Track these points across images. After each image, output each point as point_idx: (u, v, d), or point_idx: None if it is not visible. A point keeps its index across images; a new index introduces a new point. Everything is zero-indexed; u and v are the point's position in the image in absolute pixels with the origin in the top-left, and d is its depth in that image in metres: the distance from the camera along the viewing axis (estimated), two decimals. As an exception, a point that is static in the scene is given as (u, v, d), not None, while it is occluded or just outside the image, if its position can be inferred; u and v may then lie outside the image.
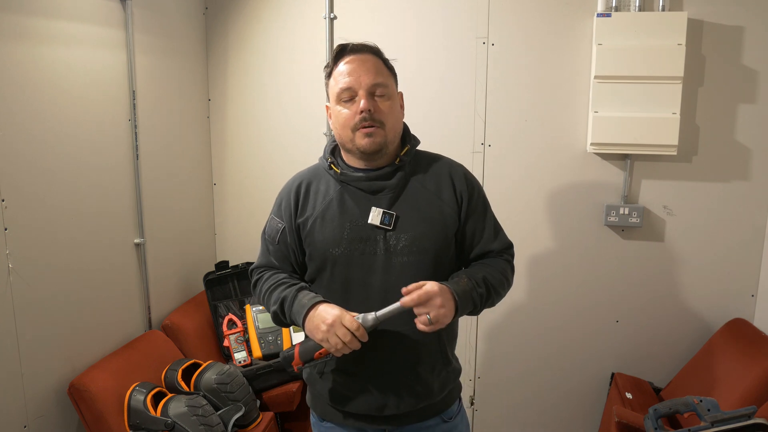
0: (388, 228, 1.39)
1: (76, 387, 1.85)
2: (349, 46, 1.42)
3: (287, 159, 2.70)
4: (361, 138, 1.37)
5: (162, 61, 2.38)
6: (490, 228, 1.49)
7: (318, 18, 2.55)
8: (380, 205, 1.40)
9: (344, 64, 1.40)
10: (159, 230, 2.38)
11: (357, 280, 1.40)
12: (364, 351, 1.34)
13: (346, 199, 1.43)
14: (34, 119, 1.77)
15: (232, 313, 2.51)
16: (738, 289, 2.37)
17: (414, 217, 1.41)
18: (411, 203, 1.42)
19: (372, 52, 1.43)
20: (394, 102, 1.41)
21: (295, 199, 1.48)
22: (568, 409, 2.60)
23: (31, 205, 1.76)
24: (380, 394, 1.42)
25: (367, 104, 1.36)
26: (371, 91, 1.38)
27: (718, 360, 2.21)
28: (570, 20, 2.36)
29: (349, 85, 1.38)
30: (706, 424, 1.76)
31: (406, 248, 1.39)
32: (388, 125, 1.38)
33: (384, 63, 1.44)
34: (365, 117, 1.36)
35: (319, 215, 1.43)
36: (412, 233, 1.39)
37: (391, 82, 1.43)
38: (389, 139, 1.40)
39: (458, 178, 1.46)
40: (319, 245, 1.42)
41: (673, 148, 2.25)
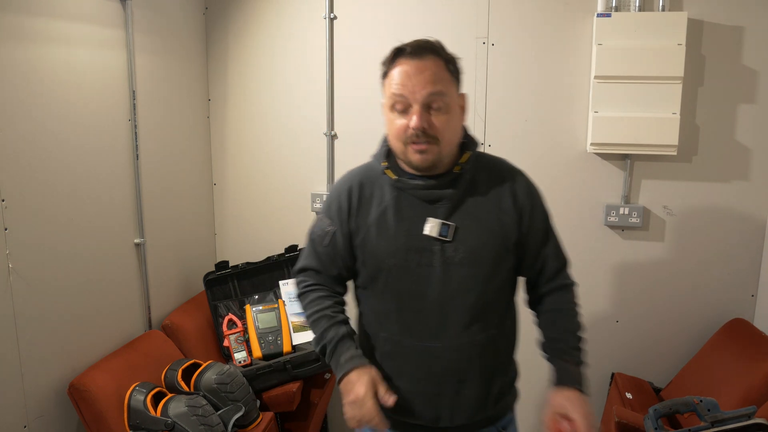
0: (446, 239, 1.32)
1: (76, 387, 1.85)
2: (407, 50, 1.29)
3: (287, 159, 2.70)
4: (413, 153, 1.29)
5: (162, 61, 2.38)
6: (551, 244, 1.42)
7: (318, 18, 2.56)
8: (438, 215, 1.33)
9: (400, 69, 1.28)
10: (159, 230, 2.38)
11: (411, 292, 1.35)
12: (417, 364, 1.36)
13: (402, 206, 1.35)
14: (34, 119, 1.77)
15: (232, 313, 2.51)
16: (738, 289, 2.37)
17: (473, 227, 1.33)
18: (470, 213, 1.35)
19: (433, 52, 1.29)
20: (452, 114, 1.29)
21: (347, 203, 1.40)
22: (568, 409, 2.60)
23: (31, 205, 1.76)
24: (434, 407, 1.39)
25: (419, 122, 1.25)
26: (426, 103, 1.26)
27: (718, 360, 2.21)
28: (570, 20, 2.36)
29: (402, 94, 1.26)
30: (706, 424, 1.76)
31: (465, 259, 1.32)
32: (443, 141, 1.28)
33: (446, 64, 1.30)
34: (418, 134, 1.26)
35: (373, 223, 1.36)
36: (470, 244, 1.33)
37: (451, 90, 1.29)
38: (444, 153, 1.30)
39: (520, 188, 1.38)
40: (374, 254, 1.36)
41: (673, 148, 2.25)
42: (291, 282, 2.59)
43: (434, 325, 1.35)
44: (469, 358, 1.36)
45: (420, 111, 1.26)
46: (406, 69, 1.27)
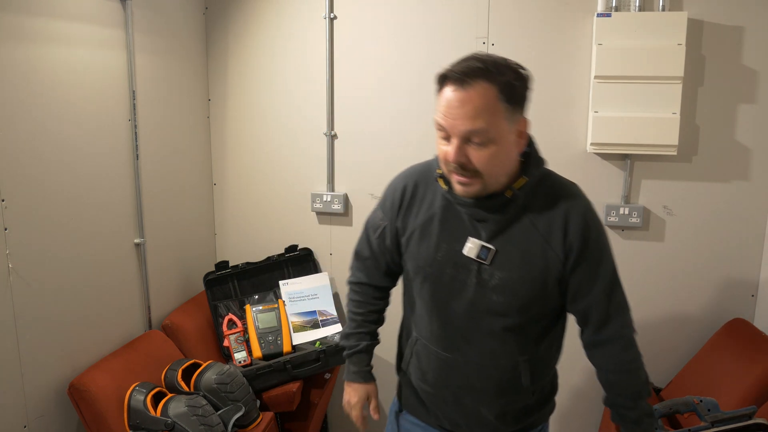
0: (484, 262, 1.28)
1: (76, 387, 1.85)
2: (451, 75, 1.17)
3: (287, 159, 2.70)
4: (455, 184, 1.25)
5: (162, 61, 2.38)
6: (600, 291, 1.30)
7: (318, 18, 2.56)
8: (480, 236, 1.28)
9: (444, 97, 1.19)
10: (159, 230, 2.38)
11: (442, 303, 1.34)
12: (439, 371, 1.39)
13: (448, 218, 1.32)
14: (34, 119, 1.77)
15: (232, 313, 2.51)
16: (738, 289, 2.37)
17: (513, 255, 1.27)
18: (514, 241, 1.27)
19: (485, 77, 1.16)
20: (498, 147, 1.19)
21: (399, 201, 1.40)
22: (568, 409, 2.60)
23: (31, 205, 1.76)
24: (453, 415, 1.43)
25: (455, 156, 1.19)
26: (466, 138, 1.18)
27: (718, 360, 2.21)
28: (570, 20, 2.36)
29: (443, 124, 1.19)
30: (706, 424, 1.76)
31: (498, 287, 1.28)
32: (486, 174, 1.20)
33: (500, 90, 1.16)
34: (456, 167, 1.21)
35: (418, 227, 1.36)
36: (507, 273, 1.27)
37: (497, 122, 1.17)
38: (489, 183, 1.23)
39: (574, 223, 1.26)
40: (414, 258, 1.37)
41: (673, 148, 2.25)
42: (292, 282, 2.60)
43: (459, 340, 1.35)
44: (489, 377, 1.36)
45: (458, 145, 1.18)
46: (449, 98, 1.18)
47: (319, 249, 2.72)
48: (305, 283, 2.60)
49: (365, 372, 1.56)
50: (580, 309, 1.34)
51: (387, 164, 2.58)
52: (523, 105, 1.24)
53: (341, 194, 2.65)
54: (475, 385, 1.37)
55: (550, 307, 1.35)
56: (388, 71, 2.53)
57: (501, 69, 1.18)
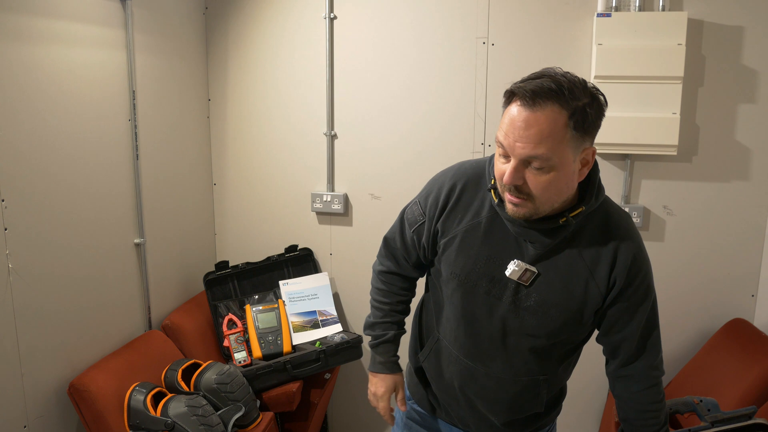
0: (524, 284, 1.25)
1: (76, 387, 1.85)
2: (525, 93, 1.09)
3: (287, 159, 2.70)
4: (508, 203, 1.19)
5: (162, 61, 2.38)
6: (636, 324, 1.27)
7: (318, 18, 2.56)
8: (525, 257, 1.24)
9: (510, 114, 1.12)
10: (159, 230, 2.38)
11: (473, 314, 1.32)
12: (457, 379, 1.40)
13: (494, 231, 1.27)
14: (34, 119, 1.77)
15: (232, 313, 2.51)
16: (738, 289, 2.37)
17: (555, 282, 1.24)
18: (558, 267, 1.24)
19: (556, 99, 1.08)
20: (558, 174, 1.12)
21: (444, 202, 1.33)
22: (568, 409, 2.60)
23: (31, 205, 1.76)
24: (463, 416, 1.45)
25: (510, 179, 1.13)
26: (525, 161, 1.12)
27: (718, 360, 2.21)
28: (570, 20, 2.36)
29: (503, 142, 1.13)
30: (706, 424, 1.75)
31: (533, 309, 1.26)
32: (539, 199, 1.15)
33: (570, 116, 1.09)
34: (510, 189, 1.16)
35: (460, 233, 1.30)
36: (545, 297, 1.24)
37: (562, 151, 1.10)
38: (541, 209, 1.17)
39: (622, 259, 1.22)
40: (450, 264, 1.32)
41: (673, 148, 2.25)
42: (292, 282, 2.60)
43: (483, 352, 1.35)
44: (506, 391, 1.37)
45: (515, 166, 1.12)
46: (513, 117, 1.11)
47: (319, 249, 2.72)
48: (305, 283, 2.60)
49: (392, 363, 1.52)
50: (611, 342, 1.32)
51: (387, 164, 2.58)
52: (594, 133, 1.17)
53: (341, 194, 2.64)
54: (490, 396, 1.38)
55: (580, 335, 1.34)
56: (388, 71, 2.53)
57: (575, 92, 1.10)
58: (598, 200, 1.23)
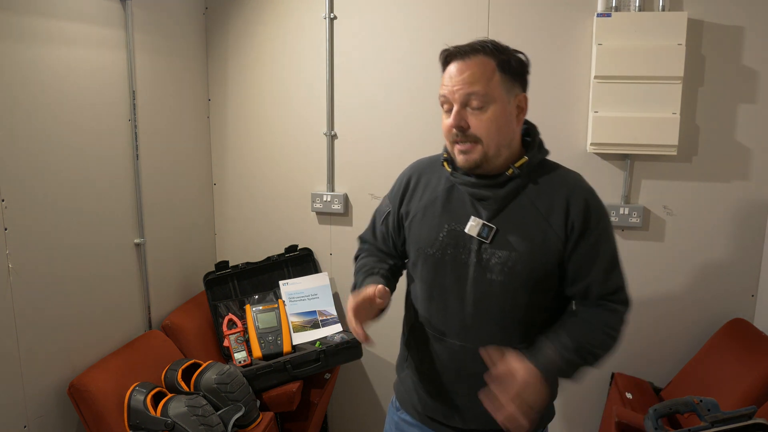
0: (485, 241, 1.30)
1: (76, 387, 1.85)
2: (452, 50, 1.28)
3: (287, 159, 2.70)
4: (458, 154, 1.30)
5: (162, 61, 2.38)
6: (601, 266, 1.30)
7: (318, 18, 2.56)
8: (482, 215, 1.32)
9: (449, 70, 1.29)
10: (159, 230, 2.38)
11: (443, 286, 1.35)
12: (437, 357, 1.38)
13: (451, 199, 1.36)
14: (34, 119, 1.77)
15: (232, 313, 2.51)
16: (738, 289, 2.37)
17: (513, 235, 1.29)
18: (514, 220, 1.30)
19: (481, 51, 1.26)
20: (497, 111, 1.25)
21: (404, 187, 1.46)
22: (568, 409, 2.60)
23: (31, 205, 1.76)
24: (448, 404, 1.41)
25: (455, 120, 1.26)
26: (464, 102, 1.25)
27: (718, 360, 2.21)
28: (570, 20, 2.36)
29: (443, 94, 1.28)
30: (706, 424, 1.75)
31: (498, 266, 1.30)
32: (486, 140, 1.26)
33: (499, 64, 1.26)
34: (456, 134, 1.27)
35: (421, 209, 1.40)
36: (507, 252, 1.29)
37: (494, 89, 1.25)
38: (490, 153, 1.28)
39: (576, 204, 1.30)
40: (415, 241, 1.40)
41: (673, 148, 2.25)
42: (292, 282, 2.60)
43: (459, 325, 1.35)
44: (485, 363, 1.34)
45: (458, 110, 1.26)
46: (451, 70, 1.28)
47: (319, 249, 2.72)
48: (305, 283, 2.60)
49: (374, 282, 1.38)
50: (579, 290, 1.34)
51: (387, 164, 2.58)
52: (522, 82, 1.32)
53: (341, 194, 2.65)
54: (473, 371, 1.35)
55: (550, 290, 1.34)
56: (388, 71, 2.53)
57: (499, 49, 1.28)
58: (540, 153, 1.35)
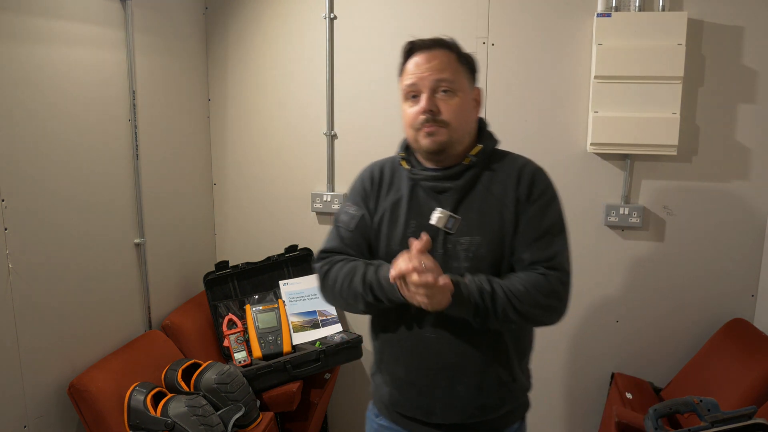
0: (450, 231, 1.34)
1: (76, 387, 1.85)
2: (417, 43, 1.37)
3: (287, 159, 2.70)
4: (423, 137, 1.34)
5: (162, 61, 2.38)
6: (538, 233, 1.34)
7: (318, 18, 2.56)
8: (445, 206, 1.36)
9: (411, 62, 1.36)
10: (159, 230, 2.38)
11: None
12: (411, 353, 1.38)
13: (415, 197, 1.40)
14: (34, 119, 1.77)
15: (232, 313, 2.51)
16: (738, 289, 2.37)
17: (474, 221, 1.35)
18: (474, 207, 1.36)
19: (443, 46, 1.36)
20: (462, 100, 1.35)
21: (369, 185, 1.47)
22: (568, 409, 2.60)
23: (31, 205, 1.76)
24: (427, 400, 1.39)
25: (428, 104, 1.32)
26: (434, 88, 1.33)
27: (718, 360, 2.21)
28: (570, 20, 2.36)
29: (412, 81, 1.34)
30: (706, 424, 1.75)
31: (463, 253, 1.34)
32: (452, 125, 1.33)
33: (458, 57, 1.37)
34: (427, 118, 1.32)
35: (388, 208, 1.42)
36: (470, 238, 1.34)
37: (460, 78, 1.35)
38: (455, 138, 1.35)
39: (524, 178, 1.37)
40: (386, 239, 1.41)
41: (673, 148, 2.25)
42: (292, 282, 2.60)
43: (431, 316, 1.35)
44: (463, 353, 1.36)
45: (428, 95, 1.33)
46: (417, 60, 1.35)
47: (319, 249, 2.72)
48: (305, 283, 2.60)
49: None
50: (516, 258, 1.34)
51: (387, 164, 2.58)
52: (475, 77, 1.42)
53: (341, 194, 2.65)
54: (449, 362, 1.36)
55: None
56: (388, 71, 2.52)
57: (457, 45, 1.39)
58: (492, 141, 1.43)
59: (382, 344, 1.46)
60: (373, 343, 1.52)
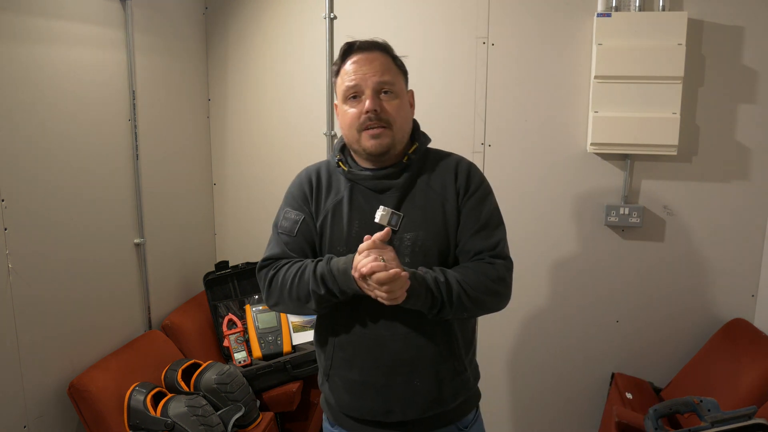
0: (394, 228, 1.35)
1: (76, 387, 1.85)
2: (357, 44, 1.38)
3: (287, 159, 2.70)
4: (367, 139, 1.35)
5: (162, 61, 2.38)
6: (478, 222, 1.38)
7: (318, 18, 2.55)
8: (387, 205, 1.37)
9: (351, 63, 1.37)
10: (159, 230, 2.38)
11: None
12: (366, 353, 1.36)
13: (355, 197, 1.41)
14: (34, 119, 1.77)
15: (232, 313, 2.51)
16: (738, 289, 2.37)
17: (417, 217, 1.37)
18: (416, 203, 1.38)
19: (381, 49, 1.39)
20: (402, 101, 1.38)
21: (308, 189, 1.46)
22: (568, 409, 2.60)
23: (31, 205, 1.76)
24: (385, 399, 1.39)
25: (372, 104, 1.33)
26: (377, 89, 1.35)
27: (718, 360, 2.21)
28: (570, 20, 2.36)
29: (355, 83, 1.35)
30: (706, 425, 1.75)
31: (409, 248, 1.36)
32: (395, 125, 1.36)
33: (393, 60, 1.40)
34: (371, 117, 1.33)
35: (329, 211, 1.42)
36: (414, 233, 1.36)
37: (399, 81, 1.39)
38: (397, 139, 1.37)
39: (462, 172, 1.42)
40: (328, 241, 1.41)
41: (673, 148, 2.25)
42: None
43: (383, 314, 1.36)
44: (417, 347, 1.37)
45: (372, 95, 1.34)
46: (357, 60, 1.37)
47: (319, 249, 2.72)
48: (305, 283, 2.60)
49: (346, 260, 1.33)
50: (461, 249, 1.39)
51: (387, 164, 2.58)
52: (407, 80, 1.45)
53: (341, 194, 2.64)
54: (405, 358, 1.37)
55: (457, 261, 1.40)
56: (388, 71, 2.53)
57: (389, 47, 1.42)
58: (426, 140, 1.47)
59: (333, 349, 1.43)
60: (320, 351, 1.49)
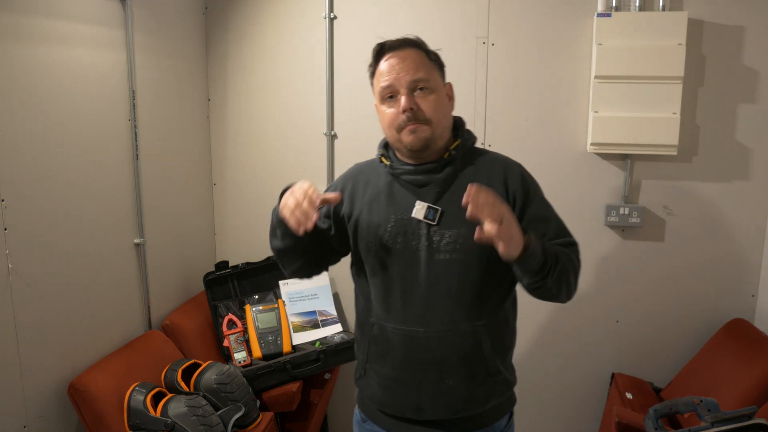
0: (432, 223, 1.35)
1: (76, 387, 1.85)
2: (388, 44, 1.38)
3: (287, 159, 2.70)
4: (407, 135, 1.35)
5: (162, 61, 2.38)
6: (551, 224, 1.38)
7: (318, 18, 2.56)
8: (426, 199, 1.37)
9: (384, 63, 1.37)
10: (159, 230, 2.38)
11: (397, 274, 1.38)
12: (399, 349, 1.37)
13: (394, 191, 1.41)
14: (34, 119, 1.77)
15: (232, 313, 2.51)
16: (738, 289, 2.37)
17: (459, 213, 1.30)
18: (458, 199, 1.31)
19: (413, 45, 1.38)
20: (438, 95, 1.37)
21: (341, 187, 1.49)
22: (568, 409, 2.60)
23: (31, 205, 1.76)
24: (416, 396, 1.39)
25: (407, 103, 1.33)
26: (412, 87, 1.34)
27: (718, 360, 2.21)
28: (570, 20, 2.36)
29: (389, 83, 1.35)
30: (706, 425, 1.75)
31: (449, 245, 1.34)
32: (434, 121, 1.35)
33: (427, 55, 1.39)
34: (409, 117, 1.33)
35: (366, 204, 1.43)
36: (456, 230, 1.34)
37: (434, 75, 1.38)
38: (436, 134, 1.36)
39: (513, 177, 1.40)
40: (363, 235, 1.41)
41: (673, 148, 2.25)
42: (291, 282, 2.60)
43: (418, 310, 1.36)
44: (451, 346, 1.36)
45: (407, 94, 1.34)
46: (390, 61, 1.36)
47: (319, 249, 2.72)
48: (305, 283, 2.60)
49: None
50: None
51: (387, 164, 2.58)
52: (444, 73, 1.44)
53: (341, 194, 2.64)
54: (438, 357, 1.36)
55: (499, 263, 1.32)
56: (388, 71, 2.53)
57: (422, 42, 1.41)
58: (470, 137, 1.45)
59: (368, 344, 1.45)
60: (358, 346, 1.51)
